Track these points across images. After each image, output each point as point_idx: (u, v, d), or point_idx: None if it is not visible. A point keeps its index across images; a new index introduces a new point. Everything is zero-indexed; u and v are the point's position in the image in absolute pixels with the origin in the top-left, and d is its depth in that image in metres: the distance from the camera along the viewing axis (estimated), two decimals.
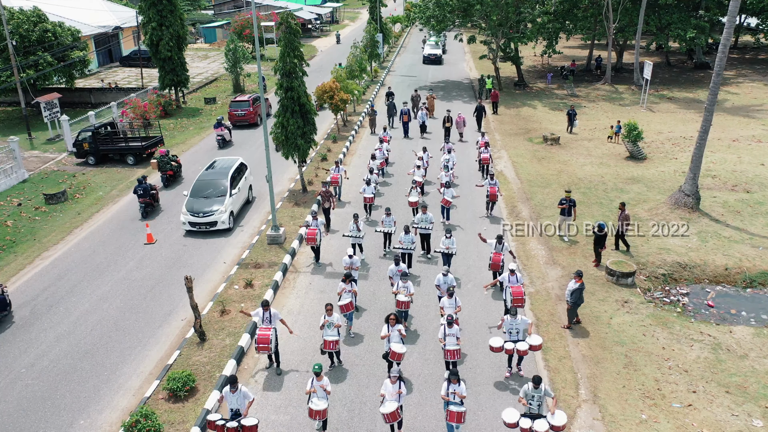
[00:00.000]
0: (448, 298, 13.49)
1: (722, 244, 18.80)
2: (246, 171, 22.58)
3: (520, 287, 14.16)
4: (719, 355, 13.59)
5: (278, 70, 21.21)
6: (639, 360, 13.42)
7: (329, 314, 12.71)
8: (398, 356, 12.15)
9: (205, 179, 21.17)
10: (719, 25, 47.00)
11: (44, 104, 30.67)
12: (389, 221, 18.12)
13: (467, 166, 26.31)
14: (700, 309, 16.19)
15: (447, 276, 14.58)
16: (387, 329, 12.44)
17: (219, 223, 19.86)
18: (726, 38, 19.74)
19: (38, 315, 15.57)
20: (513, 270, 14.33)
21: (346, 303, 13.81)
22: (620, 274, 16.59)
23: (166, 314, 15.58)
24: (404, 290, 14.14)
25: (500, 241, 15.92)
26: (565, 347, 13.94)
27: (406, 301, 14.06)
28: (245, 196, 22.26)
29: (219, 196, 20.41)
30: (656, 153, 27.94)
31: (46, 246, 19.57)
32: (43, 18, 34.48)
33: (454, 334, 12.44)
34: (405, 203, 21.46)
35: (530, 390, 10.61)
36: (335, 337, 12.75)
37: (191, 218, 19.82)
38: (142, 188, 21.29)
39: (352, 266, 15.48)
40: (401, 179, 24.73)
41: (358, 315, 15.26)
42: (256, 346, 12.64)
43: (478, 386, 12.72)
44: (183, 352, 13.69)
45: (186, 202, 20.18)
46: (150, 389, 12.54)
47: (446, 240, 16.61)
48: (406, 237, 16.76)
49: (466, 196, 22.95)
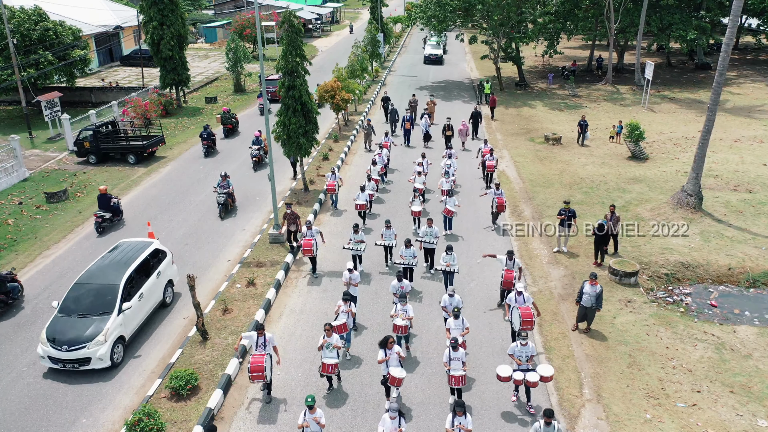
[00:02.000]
0: (454, 320, 12.57)
1: (725, 244, 18.76)
2: (164, 261, 15.78)
3: (528, 308, 13.13)
4: (723, 355, 13.55)
5: (280, 68, 21.17)
6: (643, 359, 13.37)
7: (328, 335, 11.92)
8: (397, 381, 11.41)
9: (88, 282, 14.03)
10: (720, 25, 47.08)
11: (45, 103, 30.61)
12: (389, 234, 17.19)
13: (470, 175, 25.29)
14: (704, 309, 16.15)
15: (453, 297, 13.60)
16: (384, 353, 11.62)
17: (94, 360, 12.82)
18: (729, 38, 19.70)
19: (40, 313, 15.50)
20: (521, 290, 13.46)
21: (341, 324, 12.74)
22: (623, 274, 16.56)
23: (167, 312, 15.51)
24: (403, 314, 13.11)
25: (511, 257, 14.96)
26: (568, 346, 13.89)
27: (404, 326, 12.96)
28: (156, 301, 15.22)
29: (102, 312, 13.40)
30: (658, 153, 27.92)
31: (48, 244, 19.52)
32: (43, 17, 34.42)
33: (459, 359, 11.59)
34: (406, 211, 20.89)
35: (542, 428, 9.93)
36: (334, 360, 11.92)
37: (52, 351, 12.82)
38: (206, 133, 27.65)
39: (352, 281, 14.53)
40: (402, 186, 24.04)
41: (357, 334, 14.46)
42: (250, 375, 11.58)
43: (483, 416, 11.80)
44: (185, 351, 13.64)
45: (49, 324, 13.38)
46: (152, 388, 12.49)
47: (446, 256, 15.45)
48: (407, 251, 15.94)
49: (468, 205, 22.07)
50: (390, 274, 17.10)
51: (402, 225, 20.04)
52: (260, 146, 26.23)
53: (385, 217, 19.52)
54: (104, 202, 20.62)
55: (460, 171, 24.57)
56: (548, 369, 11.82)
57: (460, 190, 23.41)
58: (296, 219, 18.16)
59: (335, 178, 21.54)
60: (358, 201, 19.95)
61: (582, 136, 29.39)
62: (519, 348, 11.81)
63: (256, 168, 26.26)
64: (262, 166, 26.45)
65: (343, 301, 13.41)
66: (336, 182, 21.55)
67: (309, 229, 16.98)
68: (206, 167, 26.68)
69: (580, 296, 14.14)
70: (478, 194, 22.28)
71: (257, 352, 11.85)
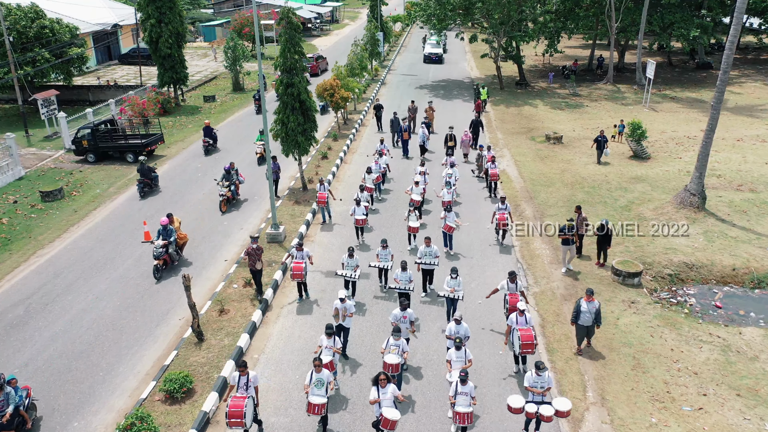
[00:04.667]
0: (456, 351, 11.31)
1: (729, 244, 18.51)
2: None
3: (529, 330, 12.18)
4: (729, 357, 13.29)
5: (278, 66, 20.90)
6: (647, 362, 13.12)
7: (318, 371, 10.57)
8: (391, 424, 10.11)
9: None
10: (721, 25, 46.86)
11: (41, 101, 30.34)
12: (385, 255, 15.64)
13: (472, 186, 23.82)
14: (708, 310, 15.89)
15: (461, 324, 12.15)
16: (377, 392, 10.33)
17: None
18: (733, 36, 19.44)
19: (33, 314, 15.24)
20: (523, 310, 12.48)
21: (328, 363, 11.23)
22: (626, 274, 16.30)
23: (163, 313, 15.25)
24: (396, 349, 11.51)
25: (513, 279, 13.74)
26: (571, 348, 13.62)
27: (396, 364, 11.29)
28: None
29: None
30: (660, 152, 27.66)
31: (42, 244, 19.25)
32: (40, 14, 34.18)
33: (467, 393, 10.39)
34: (402, 225, 19.54)
35: (533, 375, 9.69)
36: (322, 400, 10.52)
37: None
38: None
39: (345, 312, 12.96)
40: (399, 197, 22.54)
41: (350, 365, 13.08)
42: (227, 421, 10.19)
43: None
44: (180, 353, 13.37)
45: None
46: (146, 390, 12.21)
47: (451, 281, 13.93)
48: (403, 275, 14.35)
49: (470, 217, 20.58)
50: (386, 299, 15.73)
51: (398, 240, 18.77)
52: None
53: (380, 231, 18.80)
54: (208, 132, 28.17)
55: (461, 180, 23.19)
56: (565, 403, 10.63)
57: (462, 201, 22.10)
58: (259, 255, 15.32)
59: (325, 189, 20.00)
60: (356, 216, 18.38)
61: (600, 153, 26.16)
62: (534, 378, 10.74)
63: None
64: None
65: (326, 336, 11.67)
66: (327, 194, 20.01)
67: (299, 250, 15.27)
68: (204, 165, 26.41)
69: (576, 316, 13.02)
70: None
71: (238, 393, 10.45)
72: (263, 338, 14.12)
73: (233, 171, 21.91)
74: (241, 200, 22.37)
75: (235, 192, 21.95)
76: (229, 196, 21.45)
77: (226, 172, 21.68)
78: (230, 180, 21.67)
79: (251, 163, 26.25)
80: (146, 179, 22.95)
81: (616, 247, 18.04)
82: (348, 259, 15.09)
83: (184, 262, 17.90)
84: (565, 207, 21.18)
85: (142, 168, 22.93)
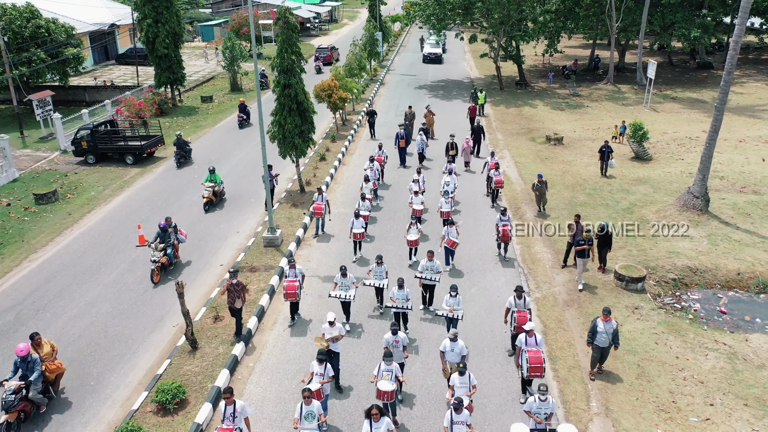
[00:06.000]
0: (459, 376, 10.47)
1: (733, 247, 18.20)
2: None
3: (539, 352, 11.37)
4: (736, 365, 12.98)
5: (275, 66, 20.57)
6: (652, 370, 12.80)
7: (307, 403, 9.81)
8: None
9: None
10: (722, 24, 46.55)
11: (36, 102, 30.00)
12: (380, 272, 14.48)
13: (473, 192, 22.85)
14: (713, 315, 15.59)
15: (456, 342, 11.38)
16: (369, 427, 9.45)
17: None
18: (737, 36, 19.13)
19: (23, 320, 14.90)
20: (531, 329, 11.69)
21: (316, 390, 10.37)
22: (630, 279, 15.99)
23: (157, 320, 14.93)
24: (388, 374, 10.58)
25: (521, 295, 12.83)
26: (574, 356, 13.32)
27: (390, 391, 10.42)
28: None
29: None
30: (662, 153, 27.36)
31: (35, 248, 18.91)
32: (36, 14, 33.82)
33: (464, 422, 9.72)
34: (399, 237, 18.75)
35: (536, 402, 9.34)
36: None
37: None
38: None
39: (334, 336, 11.90)
40: (395, 206, 21.55)
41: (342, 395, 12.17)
42: None
43: None
44: (174, 362, 13.03)
45: None
46: (138, 401, 11.87)
47: (450, 299, 13.07)
48: (400, 293, 13.29)
49: (471, 229, 19.65)
50: (381, 319, 14.67)
51: (397, 255, 17.81)
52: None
53: (378, 244, 18.10)
54: (243, 108, 32.42)
55: (462, 188, 22.42)
56: (570, 429, 10.11)
57: (461, 209, 21.20)
58: (241, 292, 13.54)
59: (323, 199, 18.82)
60: (354, 229, 17.20)
61: (605, 165, 24.29)
62: (537, 404, 10.08)
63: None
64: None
65: (318, 362, 10.74)
66: (324, 205, 18.83)
67: (292, 267, 14.17)
68: (200, 168, 26.07)
69: (592, 336, 12.21)
70: None
71: (225, 425, 9.64)
72: (259, 346, 13.80)
73: (171, 228, 17.18)
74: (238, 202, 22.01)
75: (173, 255, 17.14)
76: (164, 263, 16.71)
77: (161, 231, 16.89)
78: (167, 241, 16.93)
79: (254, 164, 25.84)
80: (182, 151, 26.09)
81: (619, 251, 17.74)
82: (341, 279, 13.90)
83: (180, 266, 17.56)
84: (566, 209, 20.87)
85: (179, 141, 26.23)
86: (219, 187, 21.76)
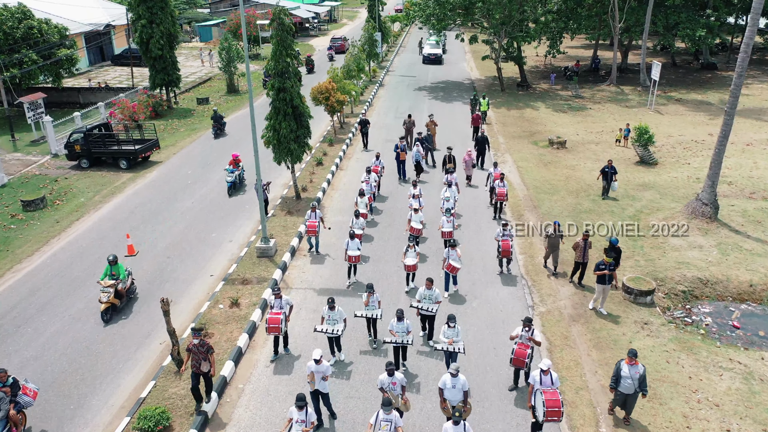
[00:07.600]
0: (453, 426, 9.23)
1: (744, 257, 17.52)
2: None
3: (556, 393, 10.19)
4: (752, 386, 12.29)
5: (270, 69, 19.87)
6: (664, 392, 12.12)
7: None
8: None
9: None
10: (726, 25, 45.82)
11: (28, 104, 29.31)
12: (373, 302, 13.12)
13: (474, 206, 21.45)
14: (725, 330, 14.90)
15: (457, 377, 10.30)
16: None
17: None
18: (749, 38, 18.47)
19: (4, 336, 14.22)
20: (547, 368, 10.36)
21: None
22: (638, 292, 15.30)
23: (143, 336, 14.24)
24: (387, 425, 9.49)
25: (529, 327, 11.80)
26: (581, 376, 12.63)
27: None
28: None
29: None
30: (667, 157, 26.67)
31: (20, 258, 18.22)
32: (28, 14, 33.17)
33: None
34: (394, 256, 17.62)
35: None
36: None
37: None
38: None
39: (320, 375, 10.79)
40: (392, 221, 20.26)
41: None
42: None
43: None
44: (158, 383, 12.34)
45: None
46: (120, 427, 11.18)
47: (448, 330, 12.00)
48: (399, 325, 12.10)
49: (472, 241, 18.56)
50: (375, 354, 13.35)
51: (394, 280, 16.41)
52: None
53: (374, 266, 16.98)
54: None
55: (464, 200, 21.40)
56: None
57: (462, 222, 19.91)
58: (208, 354, 11.29)
59: (317, 216, 17.48)
60: (349, 251, 15.82)
61: (608, 187, 21.96)
62: None
63: None
64: None
65: (297, 408, 9.54)
66: (318, 222, 17.52)
67: (278, 298, 12.85)
68: (194, 173, 25.41)
69: (616, 381, 10.94)
70: None
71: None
72: (249, 366, 13.10)
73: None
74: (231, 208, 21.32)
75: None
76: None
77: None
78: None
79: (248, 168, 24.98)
80: (218, 124, 29.88)
81: (626, 261, 17.05)
82: (329, 312, 12.52)
83: (170, 277, 16.89)
84: (570, 216, 20.19)
85: (215, 115, 30.45)
86: (125, 283, 15.28)
